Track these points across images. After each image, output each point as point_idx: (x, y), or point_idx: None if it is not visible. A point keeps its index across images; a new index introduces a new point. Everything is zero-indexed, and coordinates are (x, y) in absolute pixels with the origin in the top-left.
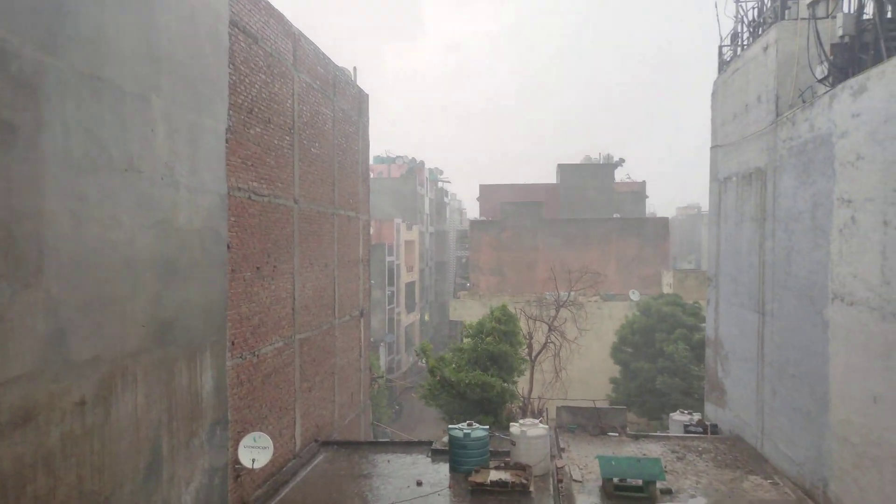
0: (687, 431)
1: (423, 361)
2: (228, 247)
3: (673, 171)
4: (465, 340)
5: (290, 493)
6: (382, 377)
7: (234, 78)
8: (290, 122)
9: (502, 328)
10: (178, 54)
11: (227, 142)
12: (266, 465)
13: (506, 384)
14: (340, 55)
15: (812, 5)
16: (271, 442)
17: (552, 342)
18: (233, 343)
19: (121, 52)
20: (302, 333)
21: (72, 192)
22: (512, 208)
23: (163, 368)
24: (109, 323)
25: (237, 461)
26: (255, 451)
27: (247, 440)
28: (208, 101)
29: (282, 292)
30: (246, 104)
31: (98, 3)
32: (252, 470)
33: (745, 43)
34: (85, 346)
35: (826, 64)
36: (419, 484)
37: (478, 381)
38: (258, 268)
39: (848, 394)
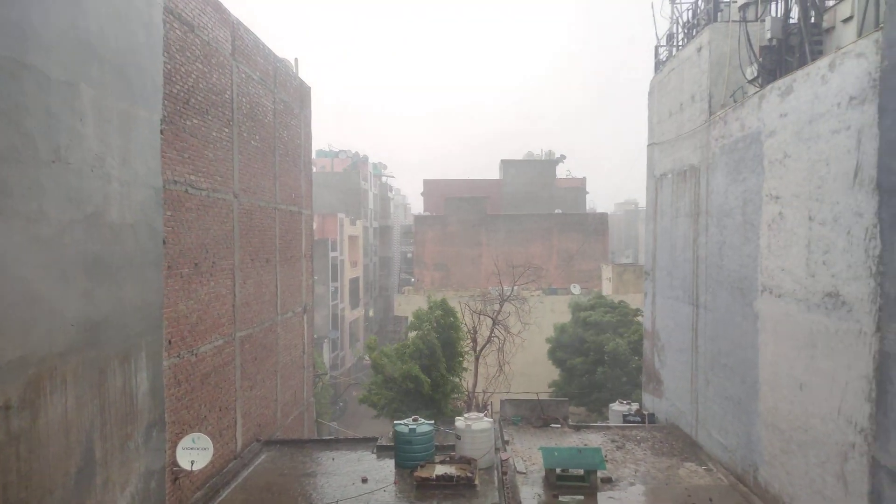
0: (626, 421)
1: (368, 357)
2: (164, 242)
3: (614, 167)
4: (410, 335)
5: (231, 495)
6: (326, 374)
7: (169, 67)
8: (229, 114)
9: (442, 321)
10: (109, 41)
11: (162, 133)
12: (206, 467)
13: (448, 374)
14: (283, 49)
15: (742, 8)
16: (211, 443)
17: (496, 336)
18: (170, 342)
19: (46, 37)
20: (243, 331)
21: None
22: (456, 203)
23: (95, 369)
24: (36, 322)
25: (175, 463)
26: (194, 453)
27: (185, 441)
28: (142, 91)
29: (221, 289)
30: (182, 94)
31: None
32: (191, 472)
33: (681, 43)
34: (9, 346)
35: (756, 65)
36: (364, 481)
37: (412, 374)
38: (196, 264)
39: (776, 382)
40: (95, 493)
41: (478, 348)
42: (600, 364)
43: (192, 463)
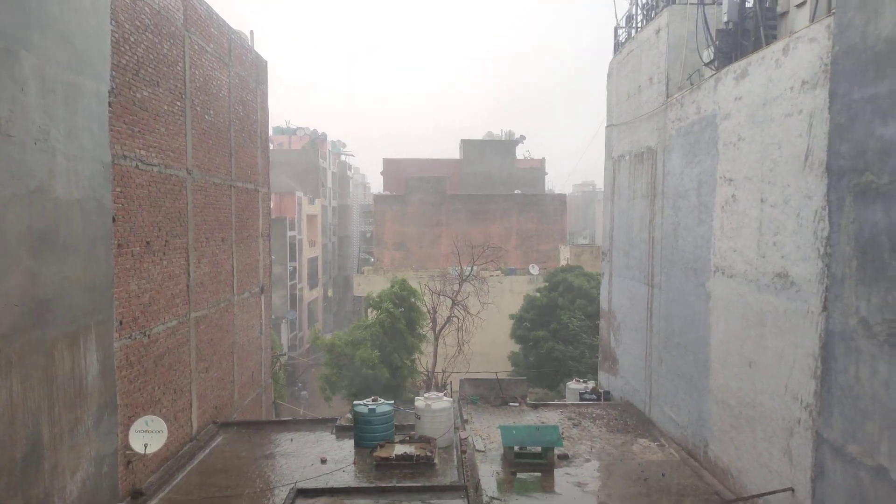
0: (582, 399)
1: (313, 343)
2: (114, 219)
3: (572, 149)
4: (371, 313)
5: (187, 478)
6: (284, 355)
7: (117, 35)
8: (182, 87)
9: (402, 301)
10: (51, 6)
11: (110, 105)
12: (160, 450)
13: (408, 357)
14: (241, 21)
15: None
16: (165, 425)
17: (455, 316)
18: (121, 322)
19: None
20: (197, 311)
21: None
22: (416, 183)
23: (41, 351)
24: None
25: (128, 447)
26: (148, 436)
27: (138, 424)
28: (88, 60)
29: (175, 268)
30: (132, 65)
31: None
32: (145, 455)
33: (640, 25)
34: None
35: (712, 48)
36: (323, 461)
37: (372, 361)
38: (148, 242)
39: (726, 360)
40: (44, 478)
41: (437, 328)
42: (560, 340)
43: (146, 446)
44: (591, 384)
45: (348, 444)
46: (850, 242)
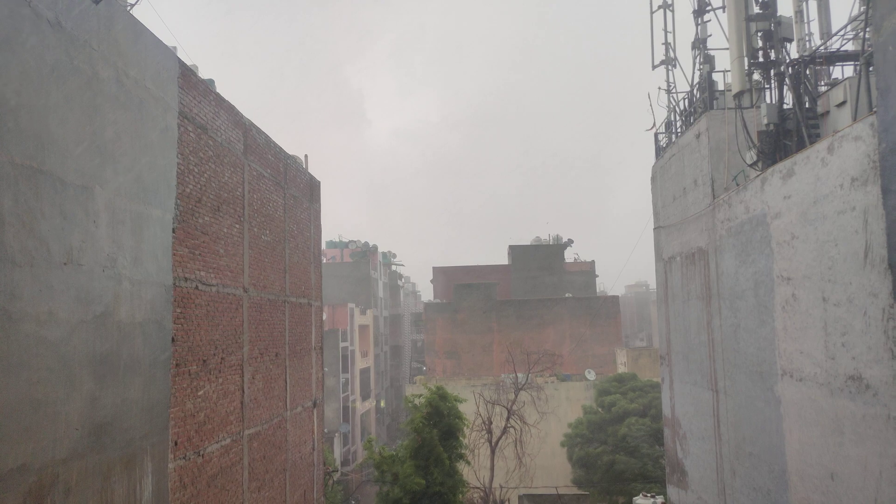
0: None
1: (371, 458)
2: (173, 340)
3: (621, 248)
4: (408, 428)
5: None
6: (337, 471)
7: (182, 167)
8: (241, 210)
9: (439, 410)
10: (124, 145)
11: (173, 231)
12: None
13: (452, 467)
14: (292, 143)
15: (737, 97)
16: None
17: (512, 426)
18: (175, 443)
19: (64, 144)
20: (251, 428)
21: (5, 287)
22: (465, 290)
23: (98, 476)
24: (40, 427)
25: None
26: None
27: None
28: (155, 191)
29: (230, 385)
30: (195, 193)
31: (42, 97)
32: None
33: (679, 130)
34: (11, 453)
35: (754, 150)
36: None
37: (406, 474)
38: (205, 360)
39: (805, 471)
40: None
41: (493, 440)
42: (621, 451)
43: None
44: (659, 499)
45: None
46: None
